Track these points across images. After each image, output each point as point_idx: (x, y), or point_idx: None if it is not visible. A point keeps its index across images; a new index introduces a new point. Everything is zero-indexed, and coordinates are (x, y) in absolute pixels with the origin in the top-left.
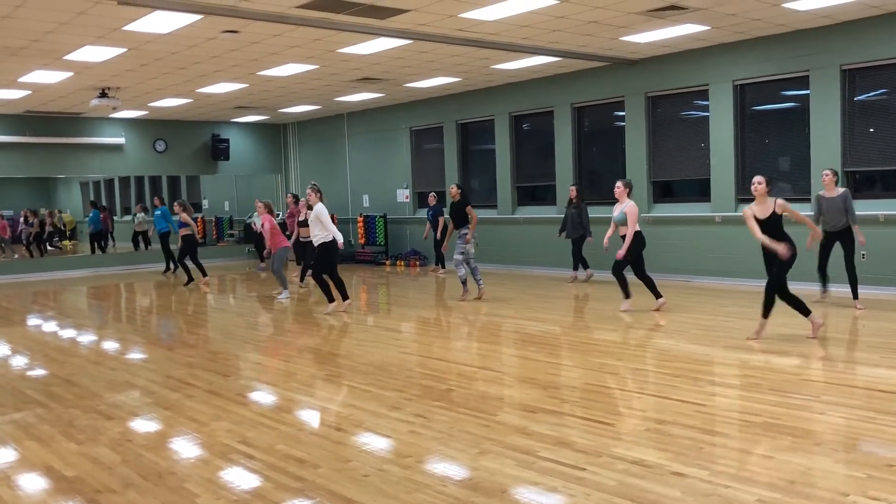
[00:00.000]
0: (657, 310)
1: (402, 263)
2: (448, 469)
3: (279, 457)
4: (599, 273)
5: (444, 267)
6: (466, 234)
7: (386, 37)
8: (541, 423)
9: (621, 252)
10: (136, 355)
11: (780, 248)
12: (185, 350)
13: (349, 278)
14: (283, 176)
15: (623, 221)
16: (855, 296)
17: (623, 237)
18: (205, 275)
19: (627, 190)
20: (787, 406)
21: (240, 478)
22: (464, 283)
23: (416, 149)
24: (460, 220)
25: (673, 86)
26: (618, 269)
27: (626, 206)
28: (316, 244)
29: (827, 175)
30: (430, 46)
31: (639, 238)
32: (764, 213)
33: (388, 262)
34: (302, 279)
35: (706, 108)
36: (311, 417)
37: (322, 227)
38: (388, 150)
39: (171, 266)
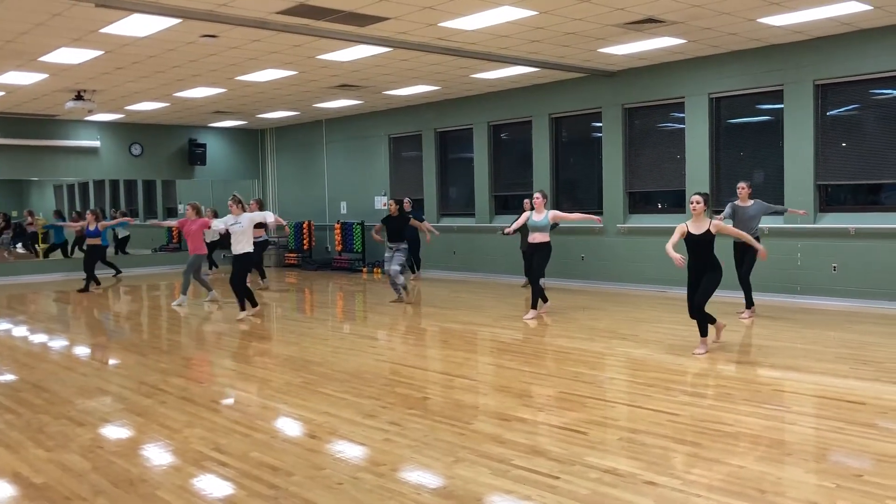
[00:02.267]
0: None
1: (379, 271)
2: (422, 477)
3: (252, 464)
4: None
5: (414, 272)
6: (406, 248)
7: (366, 44)
8: (515, 431)
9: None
10: (108, 361)
11: (676, 258)
12: (159, 356)
13: (325, 285)
14: (260, 181)
15: (544, 228)
16: (749, 304)
17: (538, 244)
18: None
19: (545, 200)
20: (759, 416)
21: (212, 485)
22: (405, 287)
23: (394, 156)
24: (398, 235)
25: (649, 98)
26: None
27: (549, 214)
28: (237, 254)
29: (742, 188)
30: (410, 55)
31: (549, 247)
32: (698, 230)
33: (364, 270)
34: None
35: (682, 121)
36: (285, 425)
37: (247, 240)
38: (366, 157)
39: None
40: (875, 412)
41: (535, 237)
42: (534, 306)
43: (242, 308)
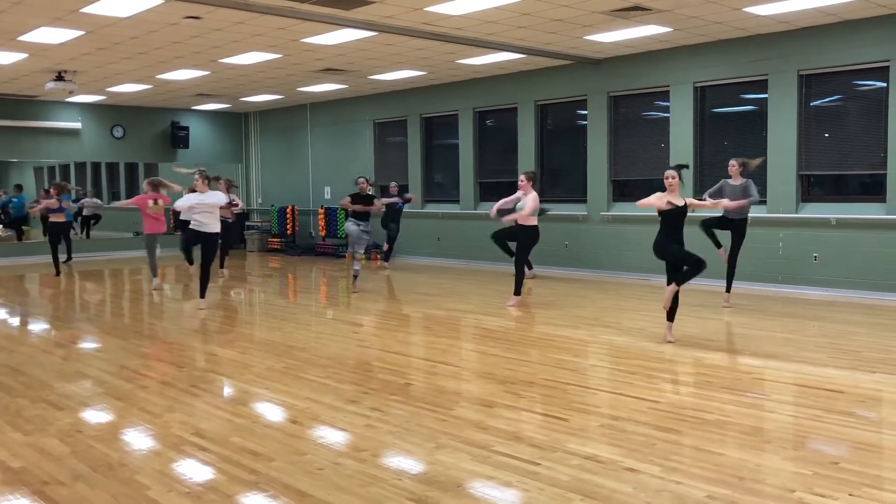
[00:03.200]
0: (512, 305)
1: (363, 257)
2: (404, 463)
3: (233, 449)
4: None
5: (386, 260)
6: (370, 231)
7: (351, 28)
8: (497, 417)
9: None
10: (88, 345)
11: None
12: (140, 340)
13: (309, 271)
14: (243, 165)
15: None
16: (728, 289)
17: (516, 224)
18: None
19: (531, 182)
20: (739, 404)
21: (193, 470)
22: (356, 277)
23: (379, 142)
24: (363, 214)
25: (635, 86)
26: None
27: (530, 197)
28: (210, 233)
29: (733, 166)
30: (396, 39)
31: (536, 231)
32: (676, 203)
33: (348, 255)
34: (222, 265)
35: (667, 109)
36: (266, 410)
37: (214, 217)
38: (350, 142)
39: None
40: (853, 401)
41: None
42: (518, 292)
43: (203, 296)
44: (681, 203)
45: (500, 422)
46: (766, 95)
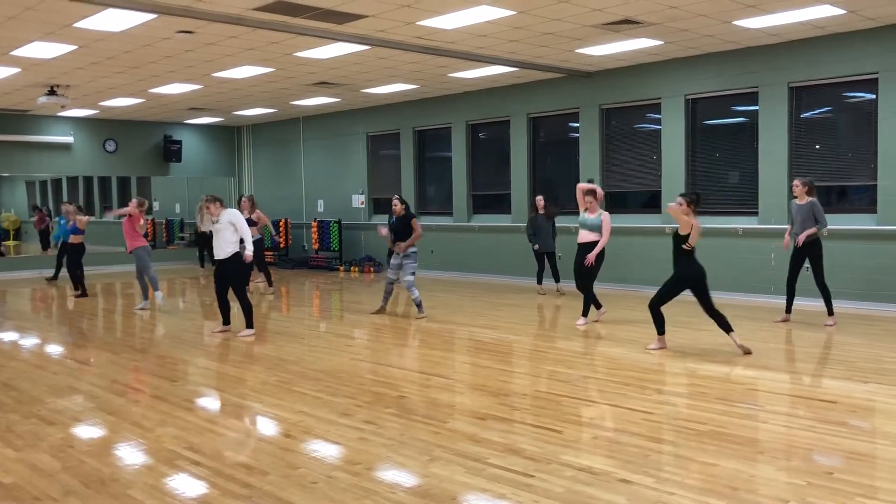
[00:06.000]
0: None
1: (357, 269)
2: (398, 476)
3: (226, 463)
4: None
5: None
6: (416, 252)
7: (344, 42)
8: (491, 430)
9: (591, 256)
10: (79, 359)
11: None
12: (131, 354)
13: (302, 284)
14: (236, 179)
15: (596, 228)
16: (829, 311)
17: (588, 244)
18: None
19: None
20: (732, 415)
21: (185, 485)
22: (419, 305)
23: (372, 155)
24: (406, 234)
25: (627, 99)
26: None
27: (601, 214)
28: (228, 257)
29: (798, 186)
30: (388, 53)
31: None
32: (684, 230)
33: (341, 268)
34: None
35: (658, 122)
36: (259, 424)
37: (227, 242)
38: (344, 155)
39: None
40: (846, 411)
41: (585, 236)
42: (584, 313)
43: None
44: (685, 231)
45: (493, 434)
46: (756, 108)
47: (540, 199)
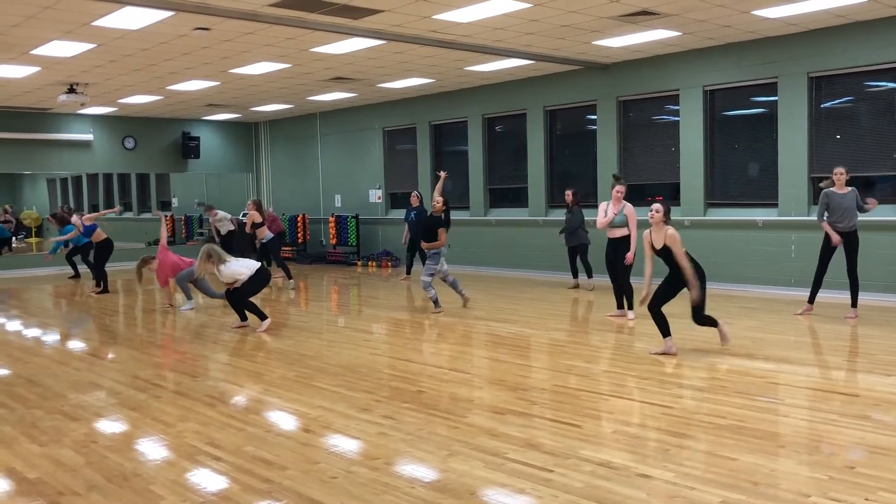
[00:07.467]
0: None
1: (374, 264)
2: (417, 471)
3: (247, 458)
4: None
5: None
6: (438, 254)
7: (359, 37)
8: (510, 424)
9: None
10: (102, 355)
11: (693, 291)
12: (153, 350)
13: (320, 279)
14: (254, 175)
15: (623, 223)
16: (853, 303)
17: (619, 239)
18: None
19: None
20: (753, 409)
21: (206, 480)
22: (435, 301)
23: (388, 149)
24: (433, 236)
25: (644, 90)
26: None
27: (625, 208)
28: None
29: (839, 173)
30: (404, 47)
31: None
32: (658, 243)
33: (359, 263)
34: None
35: (677, 113)
36: (279, 419)
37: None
38: (360, 150)
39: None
40: (868, 404)
41: (615, 232)
42: (630, 307)
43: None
44: (659, 245)
45: (512, 429)
46: (776, 98)
47: (569, 194)
